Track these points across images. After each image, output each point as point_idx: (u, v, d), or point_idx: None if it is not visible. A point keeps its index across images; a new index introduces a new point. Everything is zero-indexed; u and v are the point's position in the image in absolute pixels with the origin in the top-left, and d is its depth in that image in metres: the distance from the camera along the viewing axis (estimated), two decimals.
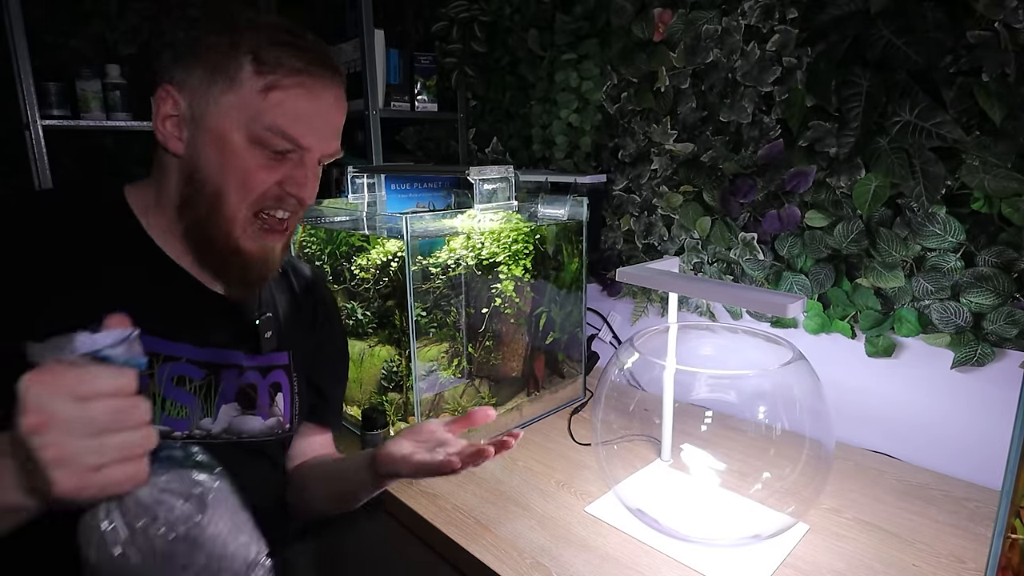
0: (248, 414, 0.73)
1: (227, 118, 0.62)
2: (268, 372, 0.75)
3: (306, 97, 0.63)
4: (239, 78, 0.61)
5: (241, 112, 0.61)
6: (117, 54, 1.77)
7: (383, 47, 1.65)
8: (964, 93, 0.86)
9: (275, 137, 0.62)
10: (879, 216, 0.97)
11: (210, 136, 0.62)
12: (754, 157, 1.11)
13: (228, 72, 0.61)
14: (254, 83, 0.61)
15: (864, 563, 0.75)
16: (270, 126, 0.62)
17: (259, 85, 0.61)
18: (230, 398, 0.71)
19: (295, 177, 0.65)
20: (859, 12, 0.93)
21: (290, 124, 0.63)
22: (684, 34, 1.18)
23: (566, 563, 0.76)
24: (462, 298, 1.06)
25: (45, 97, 1.51)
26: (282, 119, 0.62)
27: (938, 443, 0.98)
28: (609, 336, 1.45)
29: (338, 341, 0.92)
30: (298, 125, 0.63)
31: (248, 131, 0.62)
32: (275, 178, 0.64)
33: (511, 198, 1.09)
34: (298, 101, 0.63)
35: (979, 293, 0.88)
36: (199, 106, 0.62)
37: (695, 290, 0.91)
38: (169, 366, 0.66)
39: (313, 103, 0.64)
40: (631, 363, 0.83)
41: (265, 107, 0.61)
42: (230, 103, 0.61)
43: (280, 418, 0.77)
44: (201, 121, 0.62)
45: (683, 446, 0.94)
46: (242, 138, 0.62)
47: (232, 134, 0.62)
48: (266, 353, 0.75)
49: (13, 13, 1.36)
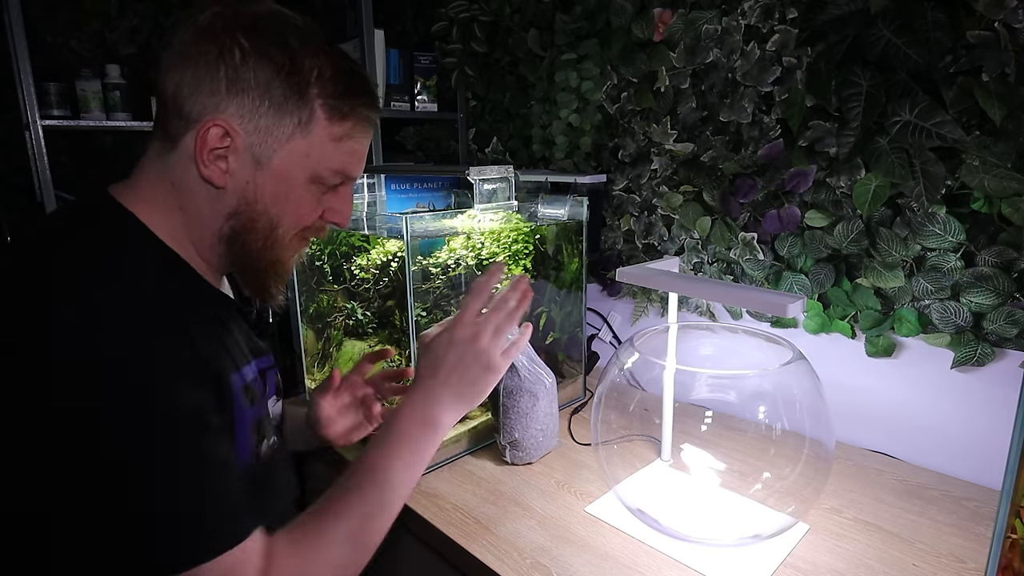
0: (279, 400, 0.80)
1: (295, 160, 0.61)
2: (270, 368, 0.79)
3: (367, 137, 0.66)
4: (311, 125, 0.61)
5: (309, 157, 0.62)
6: (117, 54, 1.77)
7: (383, 47, 1.65)
8: (964, 93, 0.86)
9: (337, 177, 0.65)
10: (879, 216, 0.97)
11: (272, 175, 0.61)
12: (754, 157, 1.11)
13: (299, 117, 0.60)
14: (326, 131, 0.62)
15: (864, 563, 0.75)
16: (337, 170, 0.64)
17: (332, 134, 0.62)
18: (272, 393, 0.76)
19: (335, 207, 0.67)
20: (859, 12, 0.93)
21: (353, 166, 0.66)
22: (684, 34, 1.18)
23: (566, 563, 0.76)
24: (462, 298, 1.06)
25: (45, 97, 1.51)
26: (350, 163, 0.65)
27: (938, 443, 0.98)
28: (609, 336, 1.45)
29: None
30: (356, 163, 0.66)
31: (312, 172, 0.63)
32: (321, 209, 0.66)
33: (511, 198, 1.09)
34: (363, 143, 0.66)
35: (979, 293, 0.88)
36: (262, 146, 0.60)
37: (695, 290, 0.91)
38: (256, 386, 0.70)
39: (368, 140, 0.67)
40: (631, 363, 0.83)
41: (337, 154, 0.63)
42: (300, 148, 0.61)
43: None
44: (264, 161, 0.60)
45: (683, 446, 0.94)
46: (304, 178, 0.63)
47: (296, 175, 0.62)
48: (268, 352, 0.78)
49: (13, 13, 1.36)
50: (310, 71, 0.60)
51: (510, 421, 0.98)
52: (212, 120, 0.57)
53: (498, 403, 0.98)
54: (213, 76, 0.57)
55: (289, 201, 0.63)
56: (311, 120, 0.60)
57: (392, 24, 1.85)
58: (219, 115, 0.58)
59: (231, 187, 0.61)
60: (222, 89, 0.57)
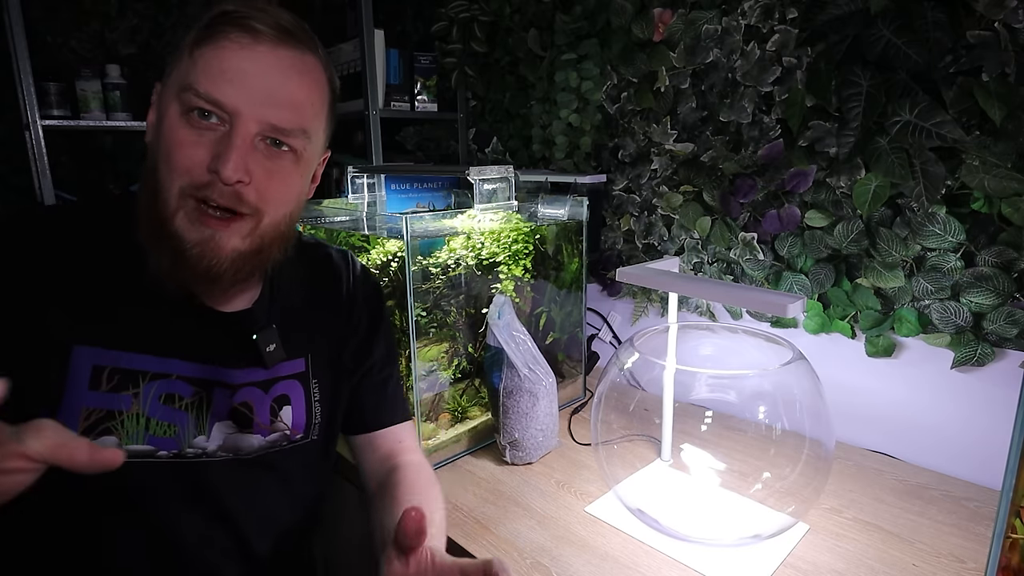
0: (245, 432, 0.70)
1: (169, 92, 0.59)
2: (272, 385, 0.72)
3: (234, 51, 0.57)
4: (183, 51, 0.58)
5: (175, 82, 0.58)
6: (117, 54, 1.77)
7: (383, 47, 1.65)
8: (964, 93, 0.85)
9: (194, 98, 0.56)
10: (879, 216, 0.97)
11: (159, 117, 0.60)
12: (754, 157, 1.11)
13: (179, 50, 0.59)
14: (188, 48, 0.58)
15: (864, 563, 0.75)
16: (189, 84, 0.56)
17: (190, 49, 0.58)
18: (223, 416, 0.68)
19: (217, 152, 0.56)
20: (859, 12, 0.93)
21: (209, 81, 0.56)
22: (684, 34, 1.18)
23: (566, 563, 0.76)
24: (462, 298, 1.06)
25: (45, 97, 1.51)
26: (202, 76, 0.56)
27: (938, 443, 0.98)
28: (609, 336, 1.45)
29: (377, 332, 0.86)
30: (220, 83, 0.56)
31: (179, 99, 0.57)
32: (202, 154, 0.57)
33: (511, 198, 1.09)
34: (223, 56, 0.56)
35: (979, 293, 0.88)
36: (162, 94, 0.61)
37: (695, 290, 0.91)
38: (156, 384, 0.64)
39: (245, 60, 0.57)
40: (631, 363, 0.83)
41: (191, 67, 0.57)
42: (173, 78, 0.59)
43: (286, 431, 0.73)
44: (160, 106, 0.60)
45: (683, 446, 0.94)
46: (175, 110, 0.57)
47: (169, 107, 0.58)
48: (271, 366, 0.70)
49: (13, 13, 1.36)
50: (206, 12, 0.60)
51: (510, 421, 0.98)
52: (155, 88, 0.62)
53: (498, 403, 0.98)
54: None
55: (163, 139, 0.58)
56: (184, 45, 0.59)
57: (392, 24, 1.85)
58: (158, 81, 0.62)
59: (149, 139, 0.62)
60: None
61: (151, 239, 0.60)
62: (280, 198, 0.62)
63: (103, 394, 0.61)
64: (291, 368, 0.73)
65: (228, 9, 0.58)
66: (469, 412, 1.10)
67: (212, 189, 0.57)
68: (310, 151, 0.64)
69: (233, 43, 0.57)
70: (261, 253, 0.63)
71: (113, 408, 0.62)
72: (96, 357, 0.61)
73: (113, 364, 0.62)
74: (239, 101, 0.56)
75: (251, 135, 0.58)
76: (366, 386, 0.83)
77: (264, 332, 0.69)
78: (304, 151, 0.63)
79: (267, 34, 0.57)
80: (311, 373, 0.75)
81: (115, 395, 0.62)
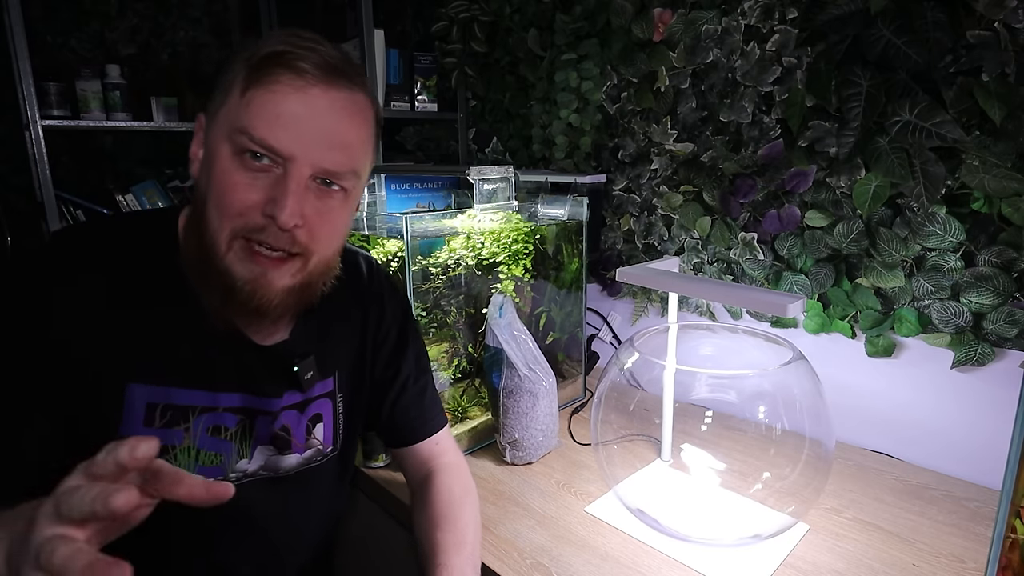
0: (284, 453, 0.72)
1: (218, 131, 0.58)
2: (307, 406, 0.73)
3: (288, 95, 0.56)
4: (232, 87, 0.57)
5: (227, 121, 0.57)
6: (117, 54, 1.77)
7: (383, 47, 1.65)
8: (964, 93, 0.85)
9: (248, 142, 0.55)
10: (879, 216, 0.97)
11: (207, 153, 0.59)
12: (754, 157, 1.11)
13: (227, 85, 0.58)
14: (239, 88, 0.57)
15: (864, 563, 0.75)
16: (244, 128, 0.55)
17: (241, 88, 0.56)
18: (264, 441, 0.70)
19: (272, 196, 0.56)
20: (859, 12, 0.93)
21: (264, 126, 0.55)
22: (684, 34, 1.18)
23: (566, 563, 0.76)
24: (462, 298, 1.06)
25: (45, 97, 1.51)
26: (256, 120, 0.55)
27: (938, 443, 0.98)
28: (609, 336, 1.45)
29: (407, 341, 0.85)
30: (275, 128, 0.55)
31: (230, 141, 0.56)
32: (256, 198, 0.56)
33: (511, 198, 1.09)
34: (276, 98, 0.55)
35: (979, 293, 0.88)
36: (208, 127, 0.60)
37: (695, 290, 0.91)
38: (204, 417, 0.65)
39: (299, 104, 0.56)
40: (631, 363, 0.83)
41: (244, 110, 0.56)
42: (222, 115, 0.58)
43: (319, 447, 0.75)
44: (207, 141, 0.60)
45: (683, 446, 0.94)
46: (227, 151, 0.57)
47: (220, 147, 0.57)
48: (307, 390, 0.72)
49: (13, 13, 1.36)
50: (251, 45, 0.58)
51: (510, 421, 0.98)
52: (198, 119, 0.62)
53: (498, 403, 0.98)
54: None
55: (214, 179, 0.57)
56: (234, 82, 0.57)
57: (392, 24, 1.85)
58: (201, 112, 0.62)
59: (195, 173, 0.62)
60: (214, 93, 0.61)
61: (199, 277, 0.61)
62: (330, 237, 0.62)
63: (157, 430, 0.62)
64: (323, 387, 0.75)
65: (279, 50, 0.57)
66: (469, 412, 1.10)
67: (266, 233, 0.57)
68: (358, 188, 0.64)
69: (286, 86, 0.56)
70: (309, 288, 0.64)
71: (167, 443, 0.63)
72: (149, 395, 0.62)
73: (165, 401, 0.63)
74: (294, 147, 0.56)
75: (305, 178, 0.58)
76: (405, 400, 0.83)
77: (304, 362, 0.70)
78: (353, 189, 0.63)
79: (319, 76, 0.57)
80: (337, 388, 0.77)
81: (169, 431, 0.63)
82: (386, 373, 0.82)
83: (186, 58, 1.93)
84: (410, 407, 0.83)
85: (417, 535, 0.76)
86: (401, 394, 0.82)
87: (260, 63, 0.56)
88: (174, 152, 1.92)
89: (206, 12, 1.96)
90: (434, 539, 0.71)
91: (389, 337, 0.82)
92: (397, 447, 0.85)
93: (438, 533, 0.72)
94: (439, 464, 0.82)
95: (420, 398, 0.84)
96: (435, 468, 0.81)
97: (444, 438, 0.85)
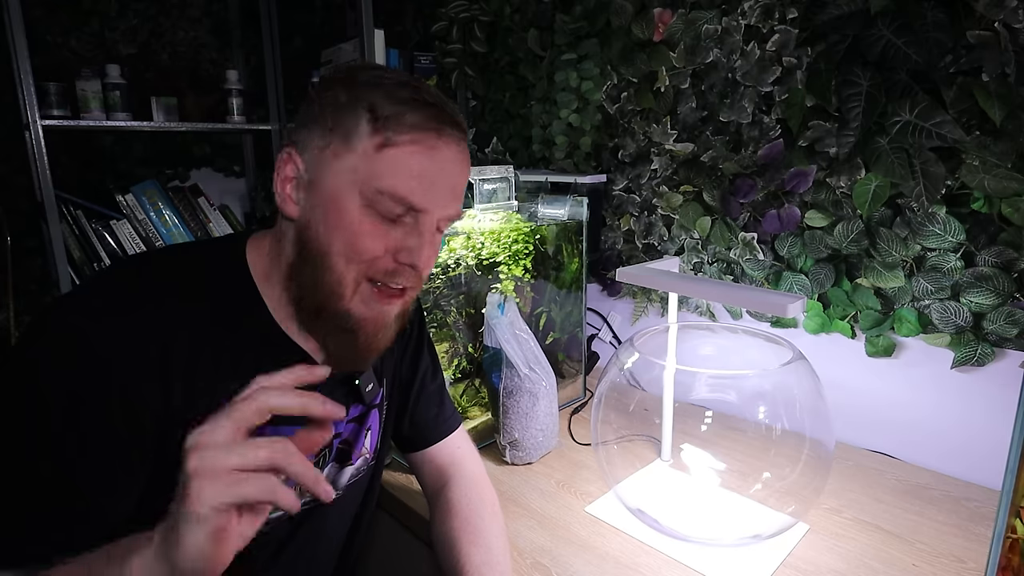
0: (345, 467, 0.73)
1: (342, 179, 0.57)
2: (366, 418, 0.74)
3: (423, 154, 0.57)
4: (355, 137, 0.57)
5: (356, 173, 0.57)
6: (117, 54, 1.77)
7: (383, 47, 1.64)
8: (964, 93, 0.85)
9: (388, 201, 0.57)
10: (879, 216, 0.97)
11: (324, 198, 0.58)
12: (754, 157, 1.11)
13: (345, 131, 0.57)
14: (369, 141, 0.56)
15: (864, 563, 0.75)
16: (384, 189, 0.56)
17: (374, 143, 0.56)
18: (334, 456, 0.72)
19: (408, 245, 0.59)
20: (859, 12, 0.93)
21: (404, 185, 0.57)
22: (684, 34, 1.18)
23: (566, 563, 0.76)
24: (462, 298, 1.06)
25: (45, 97, 1.51)
26: (396, 180, 0.56)
27: (938, 443, 0.98)
28: (609, 336, 1.45)
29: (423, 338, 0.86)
30: (413, 186, 0.57)
31: (362, 194, 0.57)
32: (386, 245, 0.58)
33: (511, 198, 1.09)
34: (413, 158, 0.57)
35: (979, 293, 0.88)
36: (316, 168, 0.58)
37: (695, 290, 0.91)
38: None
39: (431, 161, 0.58)
40: (631, 363, 0.83)
41: (379, 167, 0.56)
42: (345, 164, 0.57)
43: (367, 456, 0.76)
44: (318, 183, 0.58)
45: (683, 446, 0.94)
46: (356, 201, 0.57)
47: (346, 197, 0.57)
48: (368, 402, 0.73)
49: (13, 13, 1.36)
50: (363, 86, 0.58)
51: (510, 421, 0.98)
52: (285, 150, 0.60)
53: (498, 403, 0.98)
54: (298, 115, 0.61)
55: (341, 229, 0.57)
56: (355, 129, 0.57)
57: (392, 24, 1.85)
58: (289, 144, 0.60)
59: (302, 218, 0.60)
60: (297, 122, 0.61)
61: (309, 320, 0.62)
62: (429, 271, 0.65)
63: None
64: (378, 398, 0.76)
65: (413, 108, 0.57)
66: (469, 412, 1.10)
67: (399, 275, 0.60)
68: None
69: (424, 147, 0.58)
70: (407, 314, 0.67)
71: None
72: None
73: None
74: (428, 203, 0.59)
75: (434, 227, 0.61)
76: (424, 400, 0.83)
77: (364, 375, 0.71)
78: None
79: (448, 132, 0.59)
80: (385, 396, 0.77)
81: None
82: (409, 373, 0.82)
83: (186, 58, 1.93)
84: (430, 406, 0.83)
85: (439, 548, 0.74)
86: (421, 392, 0.83)
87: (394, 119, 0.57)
88: (174, 152, 1.92)
89: (206, 12, 1.96)
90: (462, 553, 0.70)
91: (412, 335, 0.82)
92: (415, 451, 0.84)
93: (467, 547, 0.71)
94: (459, 474, 0.81)
95: (438, 396, 0.84)
96: (453, 478, 0.80)
97: (463, 441, 0.86)
